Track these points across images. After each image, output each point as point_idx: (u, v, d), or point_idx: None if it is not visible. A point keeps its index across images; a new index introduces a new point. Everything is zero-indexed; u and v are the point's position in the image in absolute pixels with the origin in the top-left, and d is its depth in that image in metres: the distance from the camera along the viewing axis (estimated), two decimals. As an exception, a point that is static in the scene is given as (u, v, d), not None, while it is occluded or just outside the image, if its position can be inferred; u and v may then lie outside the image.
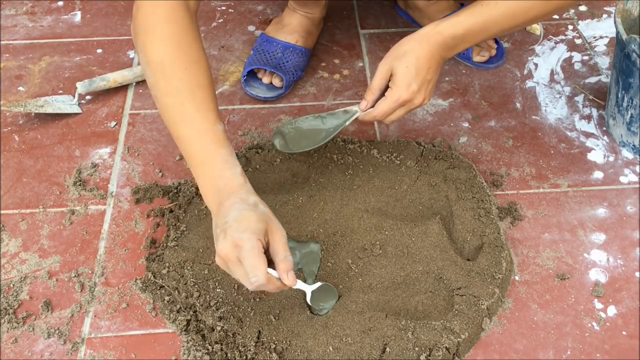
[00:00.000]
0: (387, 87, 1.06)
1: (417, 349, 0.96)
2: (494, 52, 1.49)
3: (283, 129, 1.13)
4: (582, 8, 1.64)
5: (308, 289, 1.00)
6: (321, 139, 1.11)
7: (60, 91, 1.43)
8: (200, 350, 0.98)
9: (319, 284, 1.01)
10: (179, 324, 1.02)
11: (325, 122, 1.13)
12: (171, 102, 0.97)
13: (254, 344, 0.98)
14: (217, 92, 1.43)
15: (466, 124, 1.36)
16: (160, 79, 0.97)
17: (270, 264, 0.90)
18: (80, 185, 1.23)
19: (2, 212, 1.19)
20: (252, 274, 0.86)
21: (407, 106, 1.06)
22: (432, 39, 1.04)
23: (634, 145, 1.29)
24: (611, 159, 1.29)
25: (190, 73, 0.97)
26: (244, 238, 0.86)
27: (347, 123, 1.11)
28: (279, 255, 0.89)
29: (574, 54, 1.52)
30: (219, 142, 0.95)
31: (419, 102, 1.06)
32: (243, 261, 0.86)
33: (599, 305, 1.06)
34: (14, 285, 1.08)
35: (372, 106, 1.08)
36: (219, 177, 0.94)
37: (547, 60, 1.51)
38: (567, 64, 1.50)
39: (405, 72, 1.03)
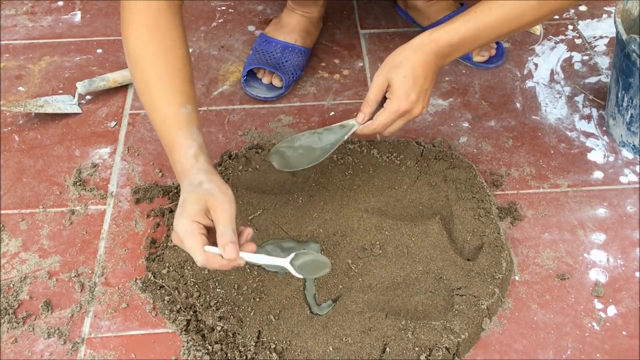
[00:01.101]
0: (383, 99, 1.05)
1: (417, 349, 0.96)
2: (493, 52, 1.49)
3: (280, 148, 1.11)
4: (582, 8, 1.64)
5: (283, 262, 0.94)
6: (319, 156, 1.09)
7: (60, 91, 1.43)
8: (200, 350, 0.98)
9: (293, 254, 0.95)
10: (179, 324, 1.02)
11: (322, 138, 1.10)
12: (142, 89, 1.01)
13: (254, 344, 0.98)
14: (217, 92, 1.43)
15: (466, 124, 1.36)
16: (134, 68, 1.02)
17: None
18: (80, 185, 1.23)
19: (2, 212, 1.19)
20: (192, 254, 0.89)
21: (406, 116, 1.04)
22: (427, 48, 1.03)
23: (634, 145, 1.29)
24: (611, 159, 1.29)
25: (160, 61, 1.00)
26: (179, 224, 0.90)
27: (345, 137, 1.08)
28: (218, 230, 0.90)
29: (574, 54, 1.52)
30: (178, 126, 0.98)
31: (417, 112, 1.04)
32: (183, 245, 0.90)
33: (599, 305, 1.06)
34: (14, 285, 1.08)
35: (370, 119, 1.06)
36: (177, 161, 0.98)
37: (547, 60, 1.51)
38: (567, 64, 1.50)
39: (402, 82, 1.01)
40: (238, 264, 0.90)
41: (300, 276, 0.95)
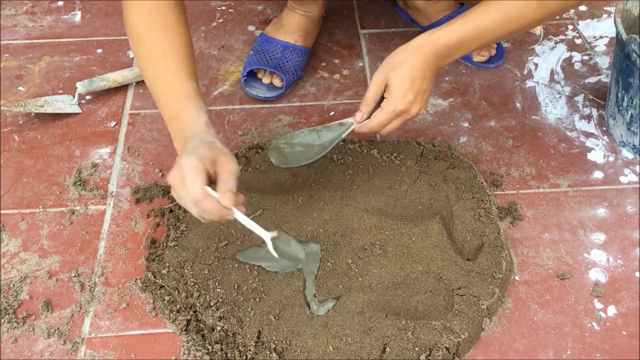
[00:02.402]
0: (382, 98, 1.06)
1: (417, 349, 0.96)
2: (493, 52, 1.49)
3: (279, 144, 1.12)
4: (582, 8, 1.64)
5: (265, 235, 0.96)
6: (317, 153, 1.10)
7: (60, 91, 1.43)
8: (200, 350, 0.98)
9: (276, 233, 0.97)
10: (179, 324, 1.02)
11: (320, 135, 1.11)
12: (146, 66, 1.04)
13: (254, 344, 0.98)
14: (217, 92, 1.43)
15: (466, 124, 1.36)
16: (137, 46, 1.05)
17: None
18: (80, 185, 1.23)
19: (2, 212, 1.19)
20: (190, 188, 0.89)
21: (404, 117, 1.05)
22: (426, 49, 1.03)
23: (634, 145, 1.29)
24: (611, 159, 1.29)
25: (163, 38, 1.03)
26: (186, 160, 0.91)
27: (344, 136, 1.09)
28: (222, 179, 0.91)
29: (574, 53, 1.52)
30: (187, 99, 1.01)
31: (415, 112, 1.05)
32: (184, 179, 0.90)
33: (599, 305, 1.06)
34: (14, 285, 1.08)
35: (368, 117, 1.07)
36: (185, 127, 1.00)
37: (547, 60, 1.51)
38: (567, 64, 1.50)
39: (400, 83, 1.02)
40: (227, 215, 0.91)
41: (275, 255, 0.96)
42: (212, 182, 0.92)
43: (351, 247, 1.10)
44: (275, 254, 0.97)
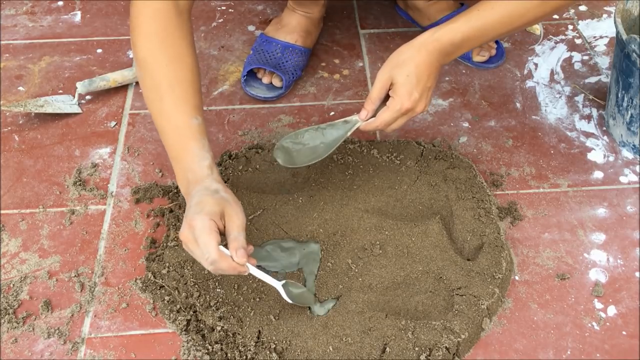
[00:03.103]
0: (386, 97, 1.06)
1: (417, 349, 0.96)
2: (494, 52, 1.49)
3: (284, 143, 1.12)
4: (582, 8, 1.64)
5: (277, 285, 1.00)
6: (323, 151, 1.10)
7: (60, 91, 1.43)
8: (200, 350, 0.98)
9: (284, 281, 1.01)
10: (179, 324, 1.02)
11: (325, 134, 1.11)
12: (152, 97, 1.02)
13: (254, 344, 0.98)
14: (217, 92, 1.43)
15: (466, 124, 1.36)
16: (144, 75, 1.02)
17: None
18: (80, 185, 1.23)
19: (2, 212, 1.19)
20: (205, 250, 0.90)
21: (409, 114, 1.06)
22: (430, 47, 1.03)
23: (634, 145, 1.29)
24: (611, 158, 1.29)
25: (171, 69, 1.00)
26: (197, 218, 0.91)
27: (349, 134, 1.09)
28: (231, 235, 0.93)
29: (574, 53, 1.52)
30: (191, 136, 0.99)
31: (420, 110, 1.06)
32: (197, 240, 0.91)
33: (599, 305, 1.06)
34: (14, 285, 1.08)
35: (373, 116, 1.07)
36: (188, 169, 0.99)
37: (547, 60, 1.51)
38: (567, 64, 1.50)
39: (405, 81, 1.02)
40: (243, 272, 0.93)
41: (289, 300, 1.00)
42: (221, 234, 0.93)
43: (351, 247, 1.10)
44: (289, 300, 1.00)
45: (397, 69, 1.03)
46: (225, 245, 0.92)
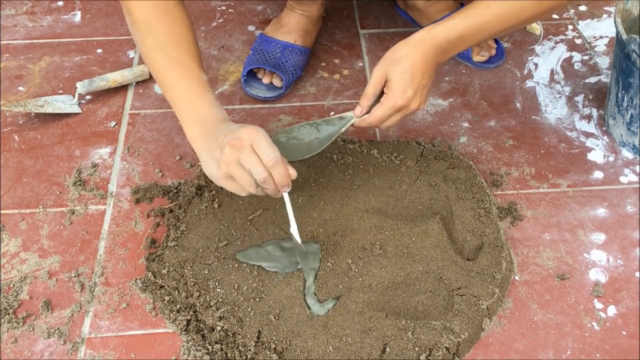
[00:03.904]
0: (381, 93, 1.06)
1: (417, 349, 0.96)
2: (493, 52, 1.49)
3: (279, 138, 1.12)
4: (582, 8, 1.64)
5: (294, 225, 1.03)
6: (317, 147, 1.10)
7: (60, 91, 1.43)
8: (200, 350, 0.98)
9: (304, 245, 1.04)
10: (179, 324, 1.02)
11: (320, 129, 1.11)
12: (156, 55, 1.05)
13: (254, 344, 0.98)
14: (217, 92, 1.43)
15: (466, 124, 1.36)
16: (147, 36, 1.04)
17: None
18: (80, 185, 1.23)
19: (2, 212, 1.19)
20: (269, 151, 0.94)
21: (403, 112, 1.06)
22: (426, 44, 1.03)
23: (634, 145, 1.29)
24: (611, 159, 1.29)
25: (174, 30, 1.04)
26: (247, 129, 0.95)
27: (343, 130, 1.10)
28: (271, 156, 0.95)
29: (574, 54, 1.52)
30: (204, 88, 1.03)
31: (414, 108, 1.06)
32: (258, 144, 0.94)
33: (599, 305, 1.06)
34: (14, 285, 1.08)
35: (368, 112, 1.07)
36: (207, 112, 1.02)
37: (547, 60, 1.51)
38: (567, 64, 1.50)
39: (400, 78, 1.03)
40: (287, 187, 0.98)
41: (299, 240, 1.04)
42: None
43: (351, 247, 1.10)
44: (298, 240, 1.04)
45: (392, 66, 1.03)
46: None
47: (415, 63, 1.03)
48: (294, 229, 1.03)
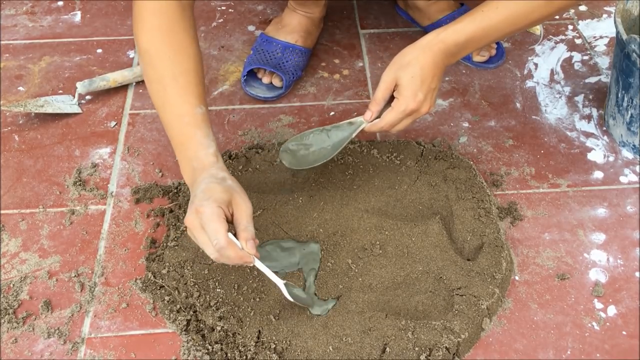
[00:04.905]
0: (391, 98, 1.06)
1: (417, 349, 0.96)
2: (494, 52, 1.49)
3: (290, 146, 1.13)
4: (582, 8, 1.64)
5: (280, 283, 1.00)
6: (328, 153, 1.11)
7: (60, 91, 1.43)
8: (200, 350, 0.98)
9: (284, 282, 1.00)
10: (179, 324, 1.02)
11: (330, 135, 1.12)
12: (156, 88, 1.03)
13: (254, 344, 0.98)
14: (217, 92, 1.43)
15: (466, 124, 1.36)
16: (147, 67, 1.03)
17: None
18: (80, 185, 1.23)
19: (2, 212, 1.19)
20: (213, 236, 0.89)
21: (414, 115, 1.06)
22: (435, 48, 1.03)
23: (634, 145, 1.29)
24: (611, 159, 1.29)
25: (174, 61, 1.01)
26: (205, 205, 0.91)
27: (354, 135, 1.10)
28: (241, 225, 0.92)
29: (574, 53, 1.52)
30: (195, 125, 1.00)
31: (425, 111, 1.06)
32: (205, 226, 0.90)
33: (599, 305, 1.06)
34: (14, 285, 1.08)
35: (378, 117, 1.07)
36: (194, 157, 0.99)
37: (547, 60, 1.51)
38: (567, 64, 1.50)
39: (410, 82, 1.03)
40: (249, 262, 0.92)
41: (290, 299, 1.00)
42: (228, 222, 0.92)
43: (351, 247, 1.10)
44: (290, 298, 1.00)
45: (402, 70, 1.03)
46: (234, 235, 0.92)
47: (425, 67, 1.03)
48: (282, 287, 1.00)
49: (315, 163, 1.11)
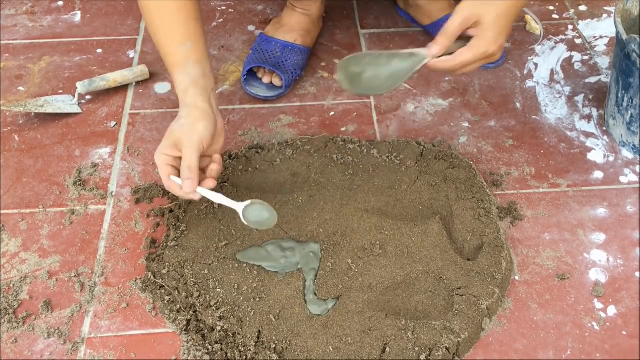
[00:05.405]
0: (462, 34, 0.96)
1: (417, 349, 0.96)
2: (494, 51, 1.48)
3: (347, 66, 1.00)
4: (582, 8, 1.65)
5: (237, 206, 1.02)
6: (384, 82, 0.99)
7: (60, 91, 1.43)
8: (200, 350, 0.98)
9: (249, 202, 1.02)
10: (179, 324, 1.02)
11: (389, 61, 0.98)
12: (151, 33, 1.09)
13: (254, 344, 0.98)
14: (217, 92, 1.43)
15: (466, 124, 1.36)
16: (144, 13, 1.08)
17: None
18: (80, 185, 1.23)
19: (2, 212, 1.19)
20: (163, 179, 1.02)
21: (486, 60, 0.96)
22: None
23: (634, 145, 1.29)
24: (611, 159, 1.29)
25: (164, 2, 1.05)
26: (155, 154, 1.02)
27: (417, 69, 0.96)
28: (182, 167, 0.99)
29: (574, 53, 1.52)
30: (174, 63, 1.05)
31: (496, 59, 0.97)
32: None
33: (599, 305, 1.06)
34: (14, 285, 1.08)
35: (445, 53, 0.95)
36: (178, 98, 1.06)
37: (547, 60, 1.51)
38: (567, 64, 1.50)
39: (495, 23, 0.92)
40: (194, 198, 1.01)
41: (246, 223, 1.03)
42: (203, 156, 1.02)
43: (351, 247, 1.10)
44: (245, 223, 1.03)
45: (485, 7, 0.92)
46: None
47: (510, 7, 0.93)
48: (239, 212, 1.02)
49: (371, 92, 1.03)
